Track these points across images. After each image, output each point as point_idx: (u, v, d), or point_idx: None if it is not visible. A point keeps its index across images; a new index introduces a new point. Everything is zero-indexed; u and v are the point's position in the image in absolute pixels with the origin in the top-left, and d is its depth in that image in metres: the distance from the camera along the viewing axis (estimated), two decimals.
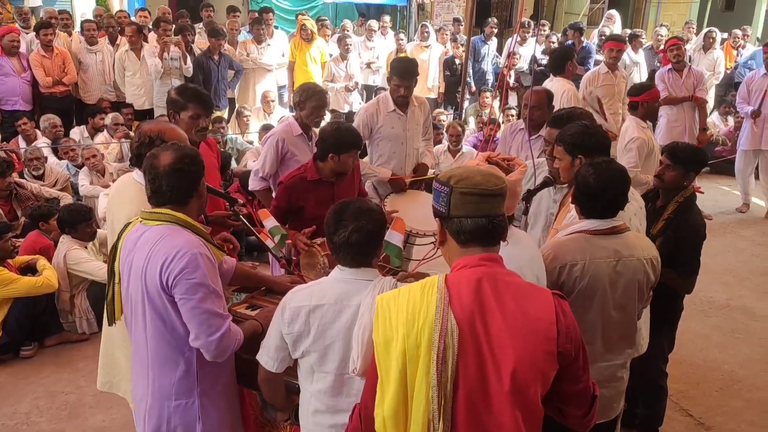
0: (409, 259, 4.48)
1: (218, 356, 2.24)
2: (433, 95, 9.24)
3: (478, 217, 1.77)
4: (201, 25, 9.19)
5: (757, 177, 7.35)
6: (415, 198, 4.49)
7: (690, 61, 8.24)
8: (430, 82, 9.24)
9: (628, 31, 9.89)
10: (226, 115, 8.04)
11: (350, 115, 8.68)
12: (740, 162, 7.34)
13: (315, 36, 8.73)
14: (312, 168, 3.58)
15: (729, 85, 9.90)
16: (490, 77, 9.49)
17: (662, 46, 8.70)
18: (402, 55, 9.21)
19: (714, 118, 9.26)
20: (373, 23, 9.80)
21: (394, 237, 3.13)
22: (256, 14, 9.51)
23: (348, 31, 9.61)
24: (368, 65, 9.35)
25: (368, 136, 4.61)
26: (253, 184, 4.27)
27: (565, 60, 5.69)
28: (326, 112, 4.19)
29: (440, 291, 1.72)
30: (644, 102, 4.63)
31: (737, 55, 10.18)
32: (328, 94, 4.53)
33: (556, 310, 1.73)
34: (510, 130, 4.64)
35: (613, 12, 10.39)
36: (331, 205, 2.27)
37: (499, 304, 1.70)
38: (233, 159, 7.05)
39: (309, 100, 4.09)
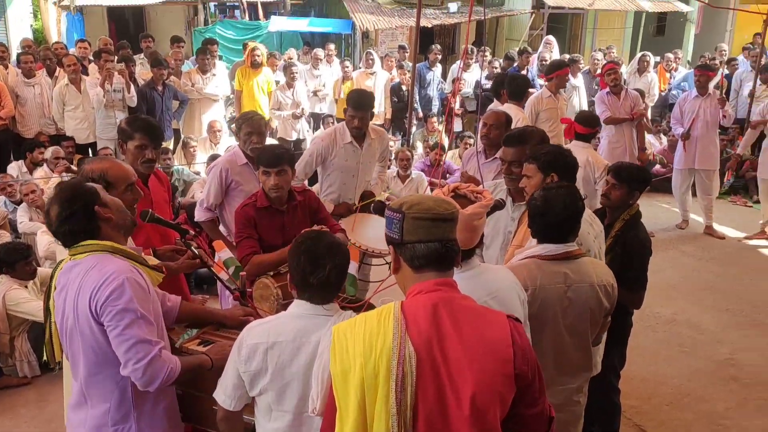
0: (366, 281, 4.49)
1: (147, 384, 2.18)
2: (380, 121, 9.32)
3: (431, 242, 1.78)
4: (142, 56, 9.08)
5: (694, 194, 7.64)
6: (365, 220, 4.51)
7: (626, 83, 8.54)
8: (376, 109, 9.29)
9: (567, 56, 10.22)
10: (171, 146, 7.91)
11: (298, 143, 8.68)
12: (676, 180, 7.62)
13: (264, 63, 8.73)
14: (262, 195, 3.54)
15: (664, 106, 10.33)
16: (436, 103, 9.65)
17: (599, 70, 9.02)
18: (348, 82, 9.32)
19: (649, 138, 9.61)
20: (319, 51, 9.86)
21: (350, 265, 3.11)
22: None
23: (293, 59, 9.63)
24: (315, 93, 9.39)
25: (320, 164, 4.60)
26: (199, 215, 4.20)
27: (525, 88, 5.87)
28: (263, 138, 4.15)
29: (397, 318, 1.71)
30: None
31: (670, 77, 10.63)
32: (265, 121, 4.50)
33: (511, 332, 1.75)
34: (467, 155, 4.72)
35: (551, 38, 10.75)
36: (294, 241, 2.25)
37: (456, 329, 1.70)
38: (179, 190, 6.93)
39: (242, 127, 4.09)
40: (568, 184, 2.76)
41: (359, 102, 4.44)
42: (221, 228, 4.24)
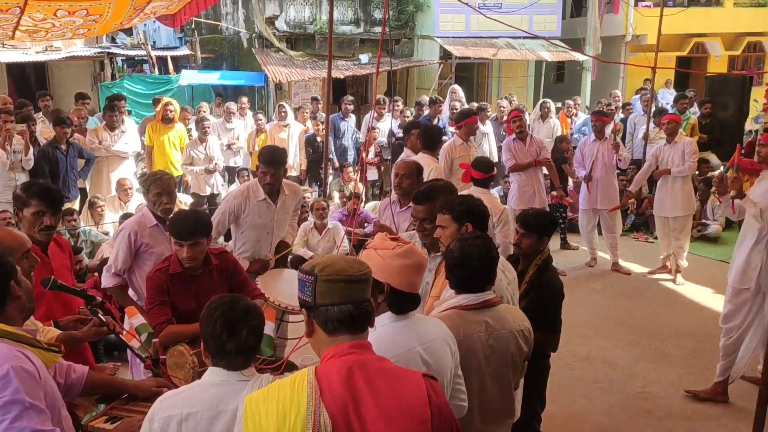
0: (285, 339, 4.40)
1: None
2: (295, 173, 9.32)
3: (344, 304, 1.77)
4: (41, 114, 8.72)
5: (600, 233, 8.00)
6: (281, 275, 4.46)
7: (530, 129, 8.94)
8: (291, 160, 9.32)
9: (475, 104, 10.62)
10: (77, 206, 7.58)
11: (213, 198, 8.54)
12: (582, 220, 7.98)
13: (177, 119, 8.59)
14: (175, 260, 3.43)
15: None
16: (351, 152, 9.75)
17: (505, 117, 9.41)
18: (262, 135, 9.30)
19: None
20: (231, 105, 9.83)
21: (266, 326, 3.04)
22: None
23: (205, 112, 9.55)
24: (229, 146, 9.31)
25: (233, 222, 4.53)
26: (106, 282, 4.02)
27: (438, 139, 6.01)
28: (173, 198, 4.06)
29: (311, 385, 1.69)
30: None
31: (571, 122, 11.21)
32: (175, 180, 4.40)
33: (427, 391, 1.75)
34: (383, 205, 4.77)
35: (456, 86, 11.12)
36: (206, 306, 2.18)
37: (372, 392, 1.69)
38: (87, 252, 6.63)
39: (150, 188, 3.97)
40: (482, 234, 2.84)
41: (271, 158, 4.41)
42: (131, 293, 4.07)
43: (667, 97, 13.23)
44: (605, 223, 7.79)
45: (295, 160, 9.36)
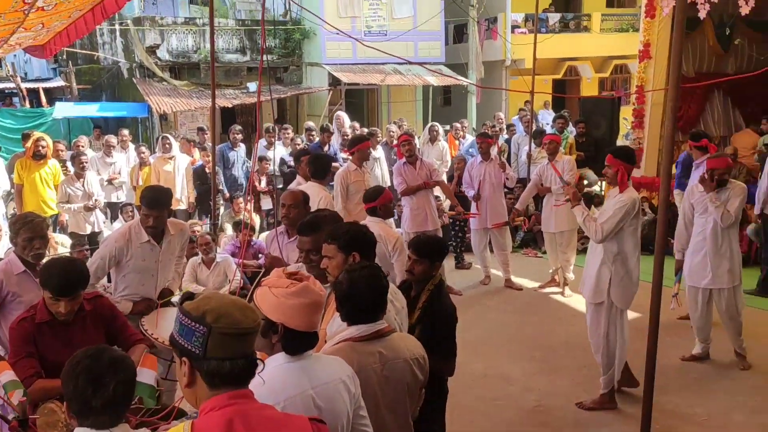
0: (174, 381, 4.15)
1: None
2: (183, 206, 8.99)
3: (237, 359, 1.65)
4: None
5: (492, 251, 8.22)
6: (168, 314, 4.20)
7: (419, 152, 9.11)
8: (178, 194, 8.99)
9: (365, 129, 10.71)
10: None
11: (94, 237, 8.05)
12: (474, 239, 8.18)
13: (49, 154, 8.06)
14: (42, 308, 3.15)
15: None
16: (242, 182, 9.53)
17: (395, 141, 9.53)
18: (146, 168, 8.91)
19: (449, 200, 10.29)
20: (111, 138, 9.37)
21: (145, 375, 2.85)
22: None
23: (83, 147, 9.04)
24: (110, 182, 8.85)
25: (113, 266, 4.24)
26: None
27: (328, 167, 5.93)
28: (45, 242, 3.76)
29: None
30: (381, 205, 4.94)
31: (459, 144, 11.54)
32: (47, 222, 4.09)
33: None
34: (270, 236, 4.63)
35: (340, 113, 11.14)
36: (67, 363, 1.98)
37: None
38: None
39: (20, 231, 3.66)
40: (369, 264, 2.80)
41: (154, 201, 4.14)
42: None
43: (546, 118, 13.96)
44: (496, 241, 8.02)
45: (183, 193, 9.03)
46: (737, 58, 10.54)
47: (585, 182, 9.06)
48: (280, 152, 9.70)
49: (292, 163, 8.67)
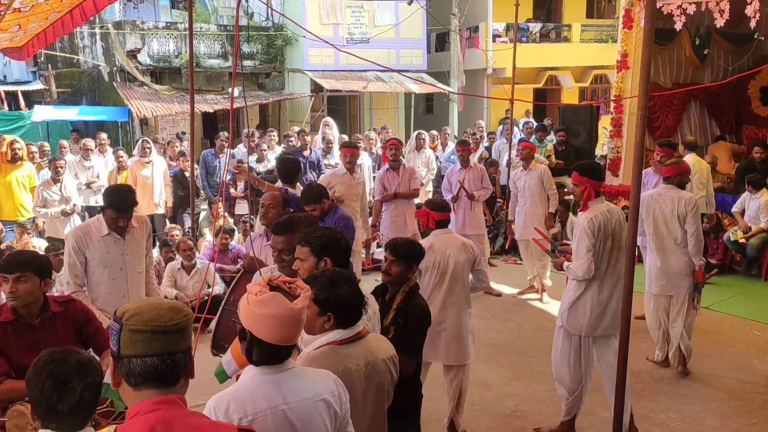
0: None
1: None
2: (161, 210, 8.92)
3: (147, 357, 1.63)
4: None
5: None
6: None
7: (404, 158, 9.13)
8: (156, 198, 8.92)
9: (345, 137, 10.73)
10: None
11: None
12: None
13: (25, 157, 7.97)
14: (7, 307, 3.10)
15: (441, 177, 11.19)
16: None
17: (374, 148, 9.57)
18: (124, 172, 8.84)
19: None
20: (89, 141, 9.28)
21: None
22: None
23: (65, 149, 8.96)
24: (88, 185, 8.76)
25: (83, 262, 4.16)
26: None
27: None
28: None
29: None
30: None
31: (442, 151, 11.60)
32: (20, 228, 4.05)
33: None
34: (252, 238, 4.64)
35: (329, 119, 11.23)
36: (32, 366, 1.96)
37: None
38: None
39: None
40: (342, 270, 2.79)
41: (123, 203, 4.06)
42: None
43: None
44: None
45: (161, 198, 8.97)
46: (713, 69, 10.73)
47: (565, 189, 9.15)
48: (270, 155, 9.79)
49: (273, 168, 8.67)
